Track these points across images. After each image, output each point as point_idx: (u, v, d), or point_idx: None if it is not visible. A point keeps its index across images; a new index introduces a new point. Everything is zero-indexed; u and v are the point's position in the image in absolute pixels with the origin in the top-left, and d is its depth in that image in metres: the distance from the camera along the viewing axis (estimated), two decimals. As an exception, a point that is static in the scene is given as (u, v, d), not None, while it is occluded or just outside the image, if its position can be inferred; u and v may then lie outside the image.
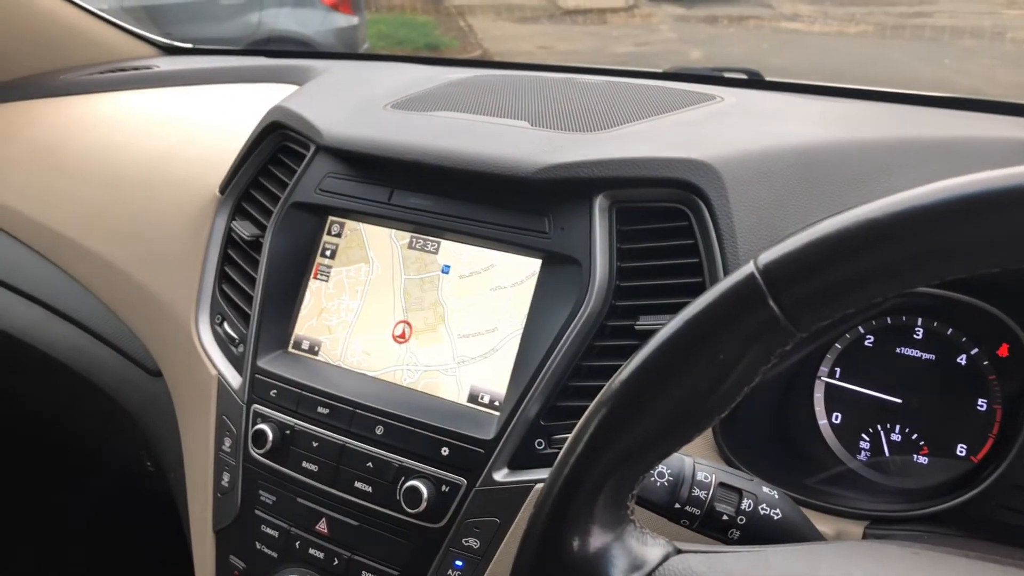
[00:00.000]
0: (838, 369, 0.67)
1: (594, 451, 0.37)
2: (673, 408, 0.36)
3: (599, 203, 0.65)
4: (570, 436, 0.38)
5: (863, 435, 0.67)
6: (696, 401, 0.36)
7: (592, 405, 0.37)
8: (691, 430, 0.37)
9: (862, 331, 0.67)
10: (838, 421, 0.67)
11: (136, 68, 1.29)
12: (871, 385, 0.66)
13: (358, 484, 0.67)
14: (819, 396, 0.68)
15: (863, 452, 0.67)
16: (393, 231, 0.75)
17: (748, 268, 0.36)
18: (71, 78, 1.27)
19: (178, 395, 0.84)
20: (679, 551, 0.39)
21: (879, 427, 0.66)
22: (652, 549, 0.39)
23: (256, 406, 0.74)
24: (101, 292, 0.95)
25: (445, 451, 0.65)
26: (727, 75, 1.08)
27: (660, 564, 0.38)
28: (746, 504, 0.47)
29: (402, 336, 0.72)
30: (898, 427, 0.66)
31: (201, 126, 1.05)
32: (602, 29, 7.50)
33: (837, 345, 0.68)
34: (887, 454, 0.66)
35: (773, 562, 0.39)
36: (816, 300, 0.35)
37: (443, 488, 0.64)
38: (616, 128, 0.73)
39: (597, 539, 0.37)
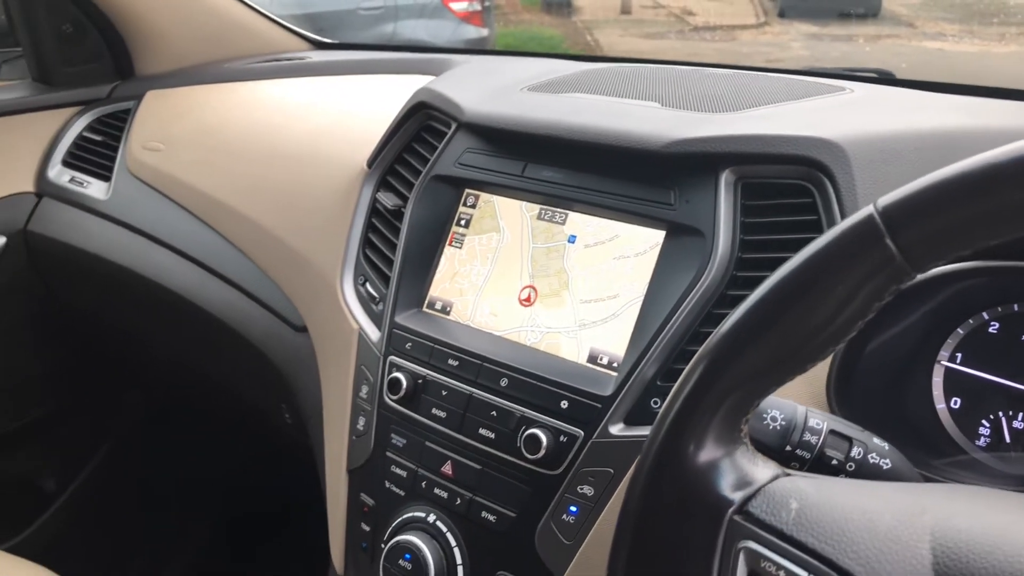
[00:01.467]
0: (959, 354, 0.68)
1: (716, 371, 0.40)
2: (790, 337, 0.39)
3: (725, 178, 0.68)
4: (696, 355, 0.41)
5: (983, 421, 0.67)
6: (813, 332, 0.39)
7: (718, 330, 0.41)
8: (806, 361, 0.40)
9: (986, 317, 0.67)
10: (957, 406, 0.68)
11: (290, 59, 1.40)
12: (995, 371, 0.66)
13: (482, 431, 0.72)
14: (938, 380, 0.68)
15: (982, 438, 0.67)
16: (524, 203, 0.80)
17: (868, 209, 0.38)
18: (233, 67, 1.39)
19: (321, 348, 0.92)
20: (788, 475, 0.42)
21: (1001, 414, 0.66)
22: (762, 470, 0.42)
23: (392, 357, 0.80)
24: (255, 255, 1.04)
25: (564, 404, 0.69)
26: (858, 74, 1.08)
27: (769, 483, 0.41)
28: (856, 452, 0.49)
29: (527, 300, 0.77)
30: (1021, 415, 0.65)
31: (349, 109, 1.14)
32: (731, 46, 7.40)
33: (959, 330, 0.68)
34: (1007, 440, 0.66)
35: (881, 493, 0.41)
36: (932, 240, 0.37)
37: (561, 438, 0.68)
38: (744, 111, 0.76)
39: (710, 452, 0.41)
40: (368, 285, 0.87)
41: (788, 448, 0.49)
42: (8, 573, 1.04)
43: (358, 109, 1.14)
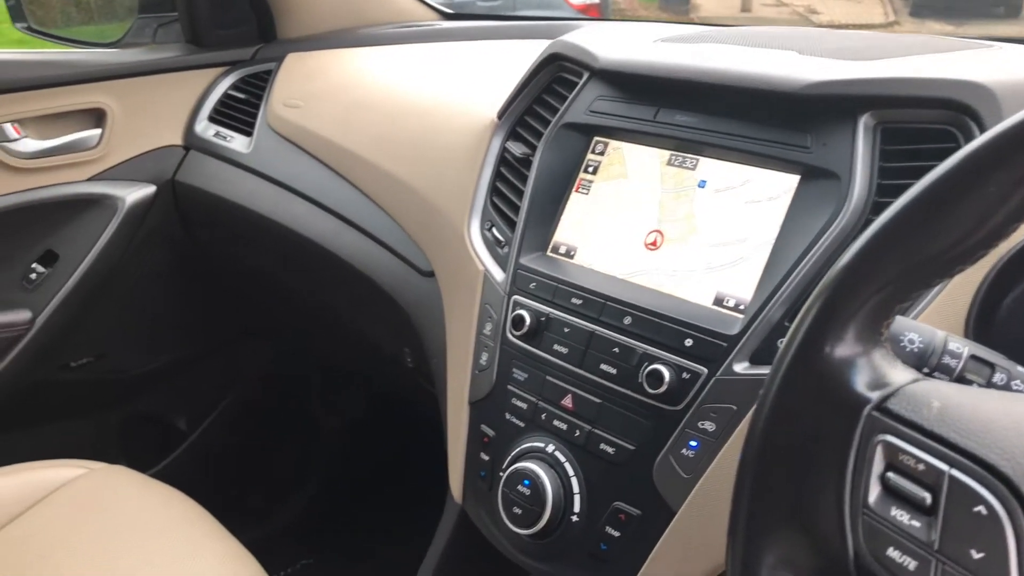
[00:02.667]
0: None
1: (864, 268, 0.40)
2: (941, 237, 0.39)
3: (864, 121, 0.68)
4: (846, 254, 0.41)
5: None
6: (965, 233, 0.39)
7: (871, 228, 0.41)
8: (954, 263, 0.40)
9: None
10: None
11: (420, 27, 1.45)
12: None
13: (603, 366, 0.74)
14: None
15: None
16: (654, 149, 0.81)
17: None
18: (367, 32, 1.45)
19: (447, 290, 0.95)
20: (928, 379, 0.42)
21: None
22: (901, 372, 0.41)
23: (516, 297, 0.83)
24: (386, 204, 1.09)
25: (689, 342, 0.70)
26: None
27: (908, 384, 0.41)
28: (998, 378, 0.48)
29: (654, 244, 0.78)
30: None
31: (477, 68, 1.18)
32: (856, 43, 7.12)
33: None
34: None
35: (1028, 401, 0.40)
36: None
37: (684, 375, 0.69)
38: (886, 59, 0.74)
39: (850, 348, 0.41)
40: (494, 230, 0.89)
41: (925, 371, 0.49)
42: (147, 492, 1.12)
43: (486, 68, 1.18)
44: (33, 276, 1.32)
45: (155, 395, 1.57)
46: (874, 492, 0.39)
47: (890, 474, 0.39)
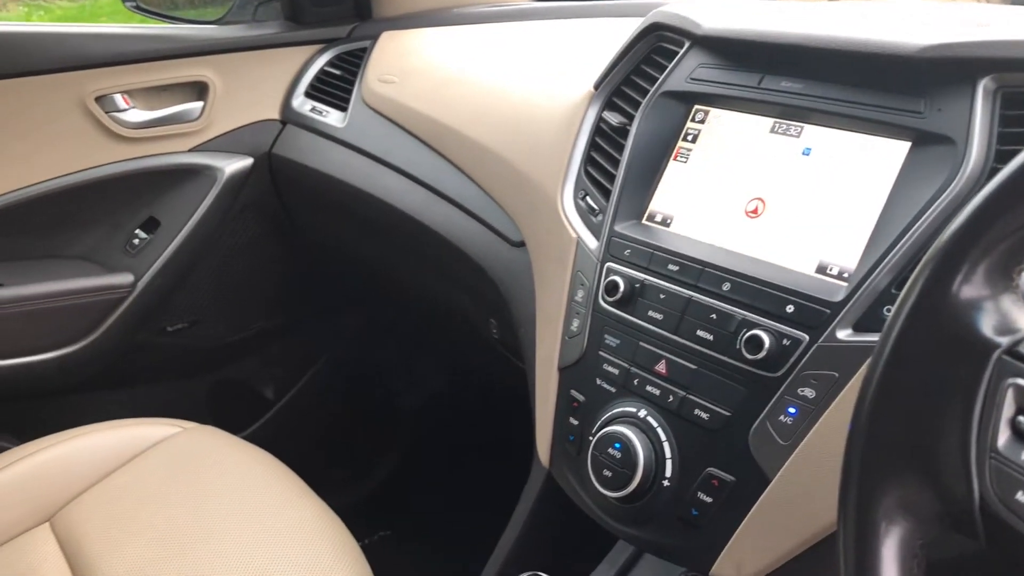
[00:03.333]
0: None
1: (997, 208, 0.39)
2: None
3: (984, 85, 0.65)
4: (982, 192, 0.40)
5: None
6: None
7: (1011, 165, 0.39)
8: None
9: None
10: None
11: (512, 8, 1.46)
12: None
13: (700, 332, 0.73)
14: None
15: None
16: (757, 117, 0.79)
17: None
18: (460, 12, 1.47)
19: (537, 258, 0.96)
20: (1064, 326, 0.40)
21: None
22: None
23: (609, 264, 0.82)
24: (478, 176, 1.10)
25: (790, 308, 0.69)
26: None
27: None
28: None
29: (754, 212, 0.77)
30: None
31: (571, 43, 1.18)
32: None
33: None
34: None
35: None
36: None
37: (784, 341, 0.68)
38: (1004, 25, 0.72)
39: (977, 290, 0.39)
40: (588, 199, 0.89)
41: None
42: (237, 451, 1.16)
43: (579, 44, 1.18)
44: (136, 241, 1.37)
45: (244, 363, 1.62)
46: (1003, 436, 0.38)
47: (1021, 418, 0.37)
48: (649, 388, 0.76)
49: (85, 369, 1.35)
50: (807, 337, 0.67)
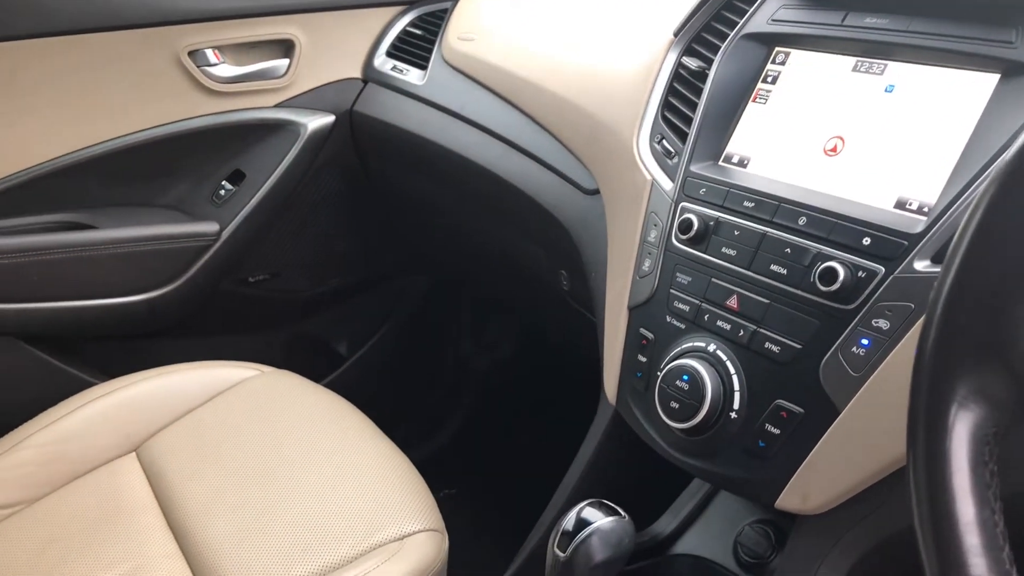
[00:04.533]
0: None
1: None
2: None
3: (1079, 12, 0.64)
4: None
5: None
6: None
7: None
8: None
9: None
10: None
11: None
12: None
13: (773, 267, 0.73)
14: None
15: None
16: (839, 56, 0.79)
17: None
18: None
19: (611, 202, 0.96)
20: None
21: None
22: None
23: (684, 203, 0.83)
24: (553, 127, 1.11)
25: (867, 241, 0.68)
26: None
27: None
28: None
29: (833, 150, 0.76)
30: None
31: None
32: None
33: None
34: None
35: None
36: None
37: (860, 273, 0.67)
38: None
39: None
40: (664, 142, 0.90)
41: None
42: (314, 394, 1.20)
43: None
44: (222, 192, 1.43)
45: (320, 318, 1.67)
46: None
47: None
48: (720, 323, 0.76)
49: (171, 312, 1.40)
50: (883, 269, 0.66)
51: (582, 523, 0.71)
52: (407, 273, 1.73)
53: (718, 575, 0.97)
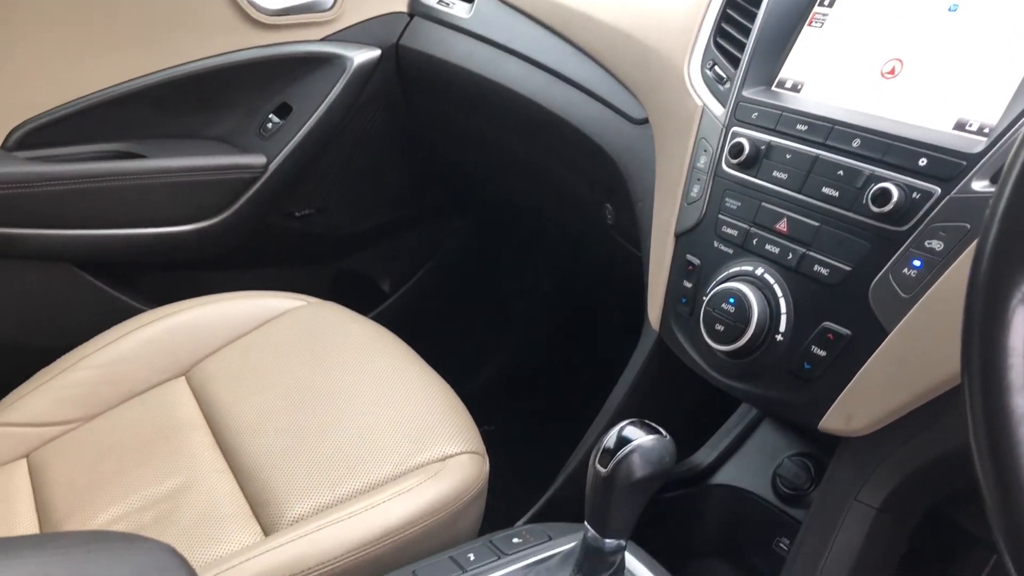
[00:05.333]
0: None
1: None
2: None
3: None
4: None
5: None
6: None
7: None
8: None
9: None
10: None
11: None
12: None
13: (825, 189, 0.72)
14: None
15: None
16: (900, -23, 0.76)
17: None
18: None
19: (660, 130, 0.96)
20: None
21: None
22: None
23: (735, 128, 0.82)
24: (602, 56, 1.10)
25: (923, 162, 0.67)
26: None
27: None
28: None
29: (891, 72, 0.75)
30: None
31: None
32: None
33: None
34: None
35: None
36: None
37: (914, 195, 0.66)
38: None
39: None
40: (716, 67, 0.88)
41: None
42: (359, 324, 1.22)
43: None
44: (269, 125, 1.44)
45: (363, 255, 1.68)
46: None
47: None
48: (768, 247, 0.76)
49: (219, 244, 1.43)
50: (939, 190, 0.65)
51: (623, 441, 0.71)
52: (450, 212, 1.73)
53: (756, 506, 0.98)
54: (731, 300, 0.75)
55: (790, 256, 0.74)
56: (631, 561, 0.81)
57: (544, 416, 1.65)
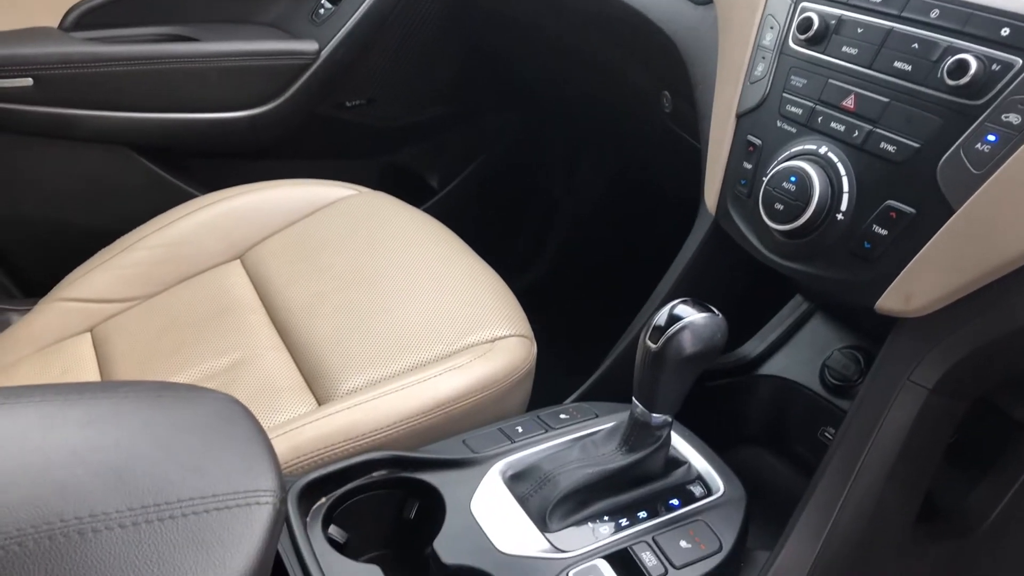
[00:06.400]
0: None
1: None
2: None
3: None
4: None
5: None
6: None
7: None
8: None
9: None
10: None
11: None
12: None
13: (897, 64, 0.70)
14: None
15: None
16: None
17: None
18: None
19: (724, 9, 0.92)
20: None
21: None
22: None
23: (804, 3, 0.79)
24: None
25: (1005, 31, 0.64)
26: None
27: None
28: None
29: (976, -60, 0.71)
30: None
31: None
32: None
33: None
34: None
35: None
36: None
37: (993, 66, 0.64)
38: None
39: None
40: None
41: None
42: (410, 213, 1.23)
43: None
44: (321, 12, 1.42)
45: (413, 149, 1.68)
46: None
47: None
48: (833, 124, 0.74)
49: (270, 132, 1.44)
50: (1020, 61, 0.62)
51: (674, 318, 0.71)
52: (501, 108, 1.71)
53: (803, 396, 0.98)
54: (792, 179, 0.73)
55: (856, 134, 0.72)
56: (676, 438, 0.82)
57: (592, 314, 1.65)
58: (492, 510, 0.73)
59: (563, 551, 0.70)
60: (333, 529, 0.73)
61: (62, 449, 0.51)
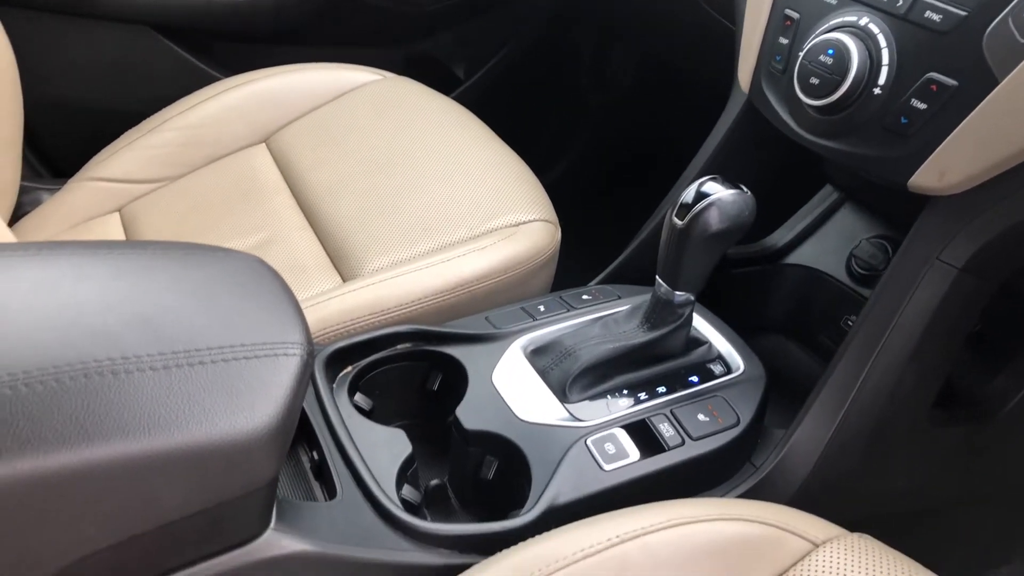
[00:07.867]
0: None
1: None
2: None
3: None
4: None
5: None
6: None
7: None
8: None
9: None
10: None
11: None
12: None
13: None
14: None
15: None
16: None
17: None
18: None
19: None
20: None
21: None
22: None
23: None
24: None
25: None
26: None
27: None
28: None
29: None
30: None
31: None
32: None
33: None
34: None
35: None
36: None
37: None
38: None
39: None
40: None
41: None
42: (435, 99, 1.21)
43: None
44: None
45: (439, 38, 1.64)
46: None
47: None
48: (876, -8, 0.71)
49: (295, 15, 1.41)
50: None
51: (702, 195, 0.71)
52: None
53: (828, 285, 0.97)
54: (830, 52, 0.71)
55: (900, 2, 0.69)
56: (698, 320, 0.83)
57: (620, 203, 1.64)
58: (513, 382, 0.75)
59: (582, 420, 0.71)
60: (359, 397, 0.75)
61: (93, 298, 0.52)
